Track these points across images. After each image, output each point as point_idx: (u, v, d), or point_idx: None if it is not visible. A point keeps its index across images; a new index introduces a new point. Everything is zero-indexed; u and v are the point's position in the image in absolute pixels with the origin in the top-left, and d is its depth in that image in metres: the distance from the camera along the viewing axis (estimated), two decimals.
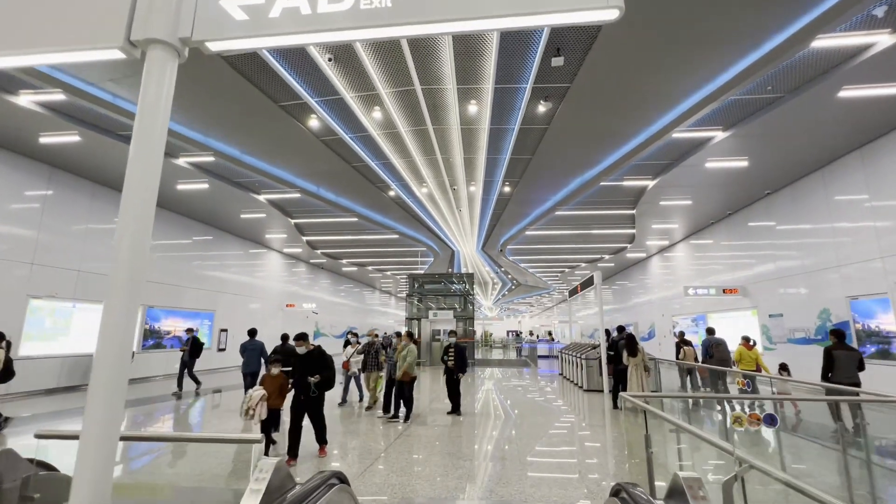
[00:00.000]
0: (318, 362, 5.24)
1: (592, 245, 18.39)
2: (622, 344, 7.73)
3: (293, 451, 4.94)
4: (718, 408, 7.35)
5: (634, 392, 7.35)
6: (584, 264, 22.52)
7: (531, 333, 41.78)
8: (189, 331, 10.75)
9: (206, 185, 11.04)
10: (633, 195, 12.03)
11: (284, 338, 9.08)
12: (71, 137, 8.43)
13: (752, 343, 8.48)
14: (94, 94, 7.13)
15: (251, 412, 4.79)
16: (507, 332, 54.13)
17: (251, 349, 8.52)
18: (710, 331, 9.78)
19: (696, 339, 15.72)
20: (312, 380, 5.03)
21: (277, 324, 19.86)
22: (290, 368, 6.71)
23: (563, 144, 9.22)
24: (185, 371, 10.13)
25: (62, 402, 8.69)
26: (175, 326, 13.36)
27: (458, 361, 7.68)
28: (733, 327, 13.47)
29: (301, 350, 5.38)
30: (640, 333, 20.48)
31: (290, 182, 11.32)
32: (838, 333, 6.29)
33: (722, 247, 14.34)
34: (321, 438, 5.21)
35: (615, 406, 7.79)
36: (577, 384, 11.51)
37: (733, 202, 12.43)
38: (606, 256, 20.59)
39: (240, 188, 11.51)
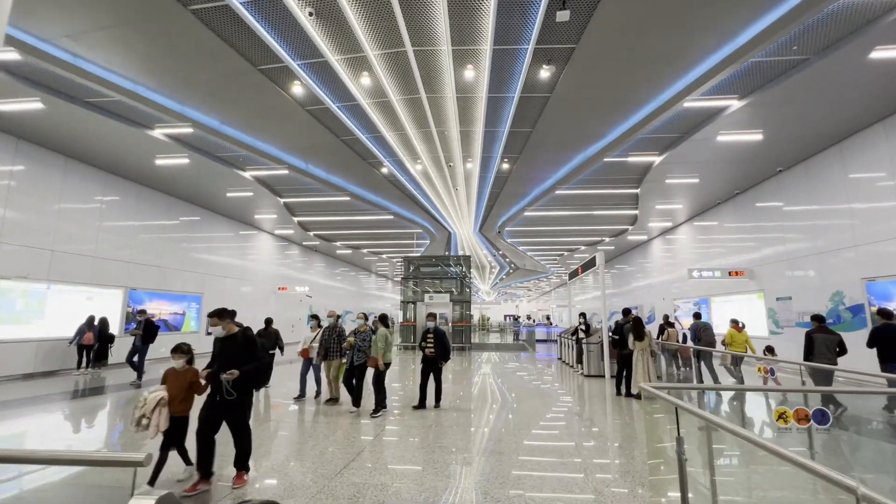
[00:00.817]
0: (242, 351, 3.76)
1: (593, 227, 17.89)
2: (628, 328, 7.28)
3: (204, 468, 3.56)
4: (727, 395, 6.99)
5: (640, 379, 6.93)
6: (583, 247, 22.06)
7: (528, 317, 41.64)
8: (141, 312, 9.55)
9: (186, 160, 10.40)
10: (637, 173, 11.47)
11: (268, 322, 8.66)
12: (33, 104, 7.76)
13: (741, 325, 8.49)
14: (51, 52, 6.46)
15: (145, 421, 3.47)
16: (505, 317, 54.01)
17: None
18: (697, 315, 9.98)
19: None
20: (226, 377, 3.58)
21: (270, 307, 19.41)
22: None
23: (565, 115, 8.62)
24: (137, 357, 8.95)
25: (38, 388, 8.22)
26: (160, 309, 12.88)
27: (438, 349, 6.74)
28: (738, 311, 13.10)
29: (218, 332, 3.78)
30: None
31: (276, 157, 10.69)
32: (819, 318, 6.57)
33: (727, 229, 13.85)
34: (240, 460, 3.72)
35: (618, 393, 7.38)
36: (576, 369, 11.14)
37: (743, 180, 11.88)
38: (607, 239, 20.11)
39: (223, 163, 10.88)
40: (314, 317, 7.94)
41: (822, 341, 6.28)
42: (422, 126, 9.40)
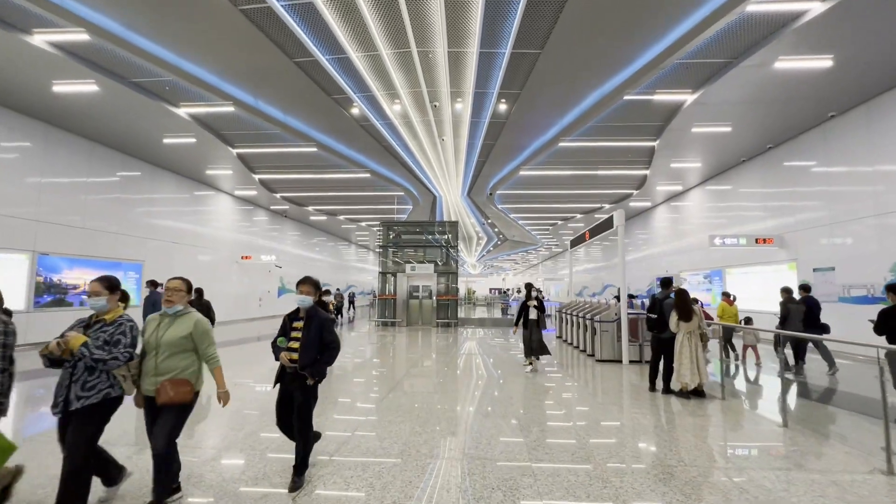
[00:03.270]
0: None
1: (593, 191, 16.08)
2: (669, 303, 5.49)
3: None
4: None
5: (687, 371, 5.20)
6: (579, 215, 20.33)
7: (519, 291, 40.35)
8: None
9: (94, 87, 8.05)
10: (660, 118, 9.57)
11: (199, 291, 7.20)
12: None
13: (732, 299, 8.65)
14: None
15: None
16: (490, 290, 53.01)
17: (152, 301, 7.55)
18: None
19: (710, 297, 13.90)
20: None
21: (232, 278, 17.33)
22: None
23: (586, 28, 6.58)
24: None
25: None
26: (84, 279, 10.70)
27: (307, 355, 2.95)
28: (762, 284, 11.58)
29: None
30: (640, 292, 18.71)
31: (214, 86, 8.42)
32: (788, 290, 7.36)
33: (746, 194, 12.21)
34: None
35: (652, 388, 5.67)
36: (581, 349, 9.50)
37: (782, 131, 10.09)
38: (606, 206, 18.37)
39: (145, 93, 8.54)
40: None
41: (794, 310, 7.00)
42: (399, 44, 7.25)
